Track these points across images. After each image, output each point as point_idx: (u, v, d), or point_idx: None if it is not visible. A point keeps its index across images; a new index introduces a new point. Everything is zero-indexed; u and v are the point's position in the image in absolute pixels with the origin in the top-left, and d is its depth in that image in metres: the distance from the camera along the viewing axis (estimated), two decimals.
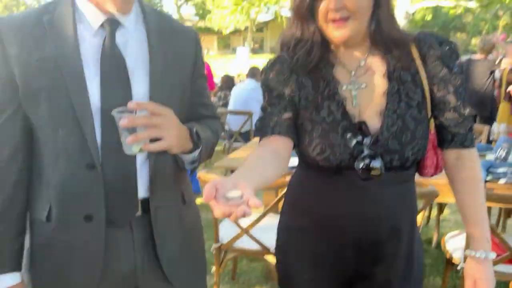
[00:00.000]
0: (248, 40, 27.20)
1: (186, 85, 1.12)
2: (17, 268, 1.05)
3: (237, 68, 13.07)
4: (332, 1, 0.97)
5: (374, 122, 1.03)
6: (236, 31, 14.83)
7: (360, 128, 1.02)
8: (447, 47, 1.06)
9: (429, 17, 16.79)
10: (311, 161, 1.08)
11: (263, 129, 1.10)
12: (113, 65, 1.00)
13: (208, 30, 28.47)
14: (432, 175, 1.12)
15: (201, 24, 29.20)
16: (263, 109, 1.13)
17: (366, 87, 1.06)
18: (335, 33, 1.01)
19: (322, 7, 0.99)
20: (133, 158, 1.02)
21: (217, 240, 2.17)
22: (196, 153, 1.05)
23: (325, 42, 1.06)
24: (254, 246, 2.08)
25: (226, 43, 34.31)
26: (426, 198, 1.78)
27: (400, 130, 1.02)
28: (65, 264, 1.05)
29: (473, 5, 12.27)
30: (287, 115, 1.09)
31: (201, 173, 2.00)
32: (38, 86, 0.97)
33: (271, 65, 1.13)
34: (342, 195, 1.07)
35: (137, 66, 1.03)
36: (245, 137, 4.70)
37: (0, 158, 1.01)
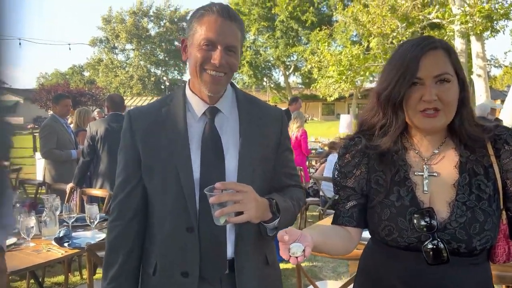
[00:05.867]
0: (352, 107, 27.33)
1: (269, 159, 1.31)
2: None
3: (341, 135, 13.19)
4: (427, 93, 1.05)
5: (443, 210, 1.09)
6: (340, 98, 15.10)
7: (428, 213, 1.08)
8: None
9: None
10: (380, 239, 1.17)
11: (334, 217, 1.23)
12: (211, 144, 1.25)
13: (314, 97, 29.38)
14: (504, 262, 1.13)
15: (307, 91, 30.35)
16: (335, 192, 1.26)
17: (438, 175, 1.13)
18: (425, 122, 1.08)
19: (415, 97, 1.07)
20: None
21: None
22: (275, 222, 1.21)
23: (403, 128, 1.15)
24: None
25: (330, 109, 34.95)
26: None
27: (469, 222, 1.06)
28: None
29: None
30: (350, 204, 1.20)
31: None
32: (154, 163, 1.25)
33: (345, 149, 1.23)
34: (408, 274, 1.12)
35: (229, 144, 1.27)
36: None
37: (125, 217, 1.29)
